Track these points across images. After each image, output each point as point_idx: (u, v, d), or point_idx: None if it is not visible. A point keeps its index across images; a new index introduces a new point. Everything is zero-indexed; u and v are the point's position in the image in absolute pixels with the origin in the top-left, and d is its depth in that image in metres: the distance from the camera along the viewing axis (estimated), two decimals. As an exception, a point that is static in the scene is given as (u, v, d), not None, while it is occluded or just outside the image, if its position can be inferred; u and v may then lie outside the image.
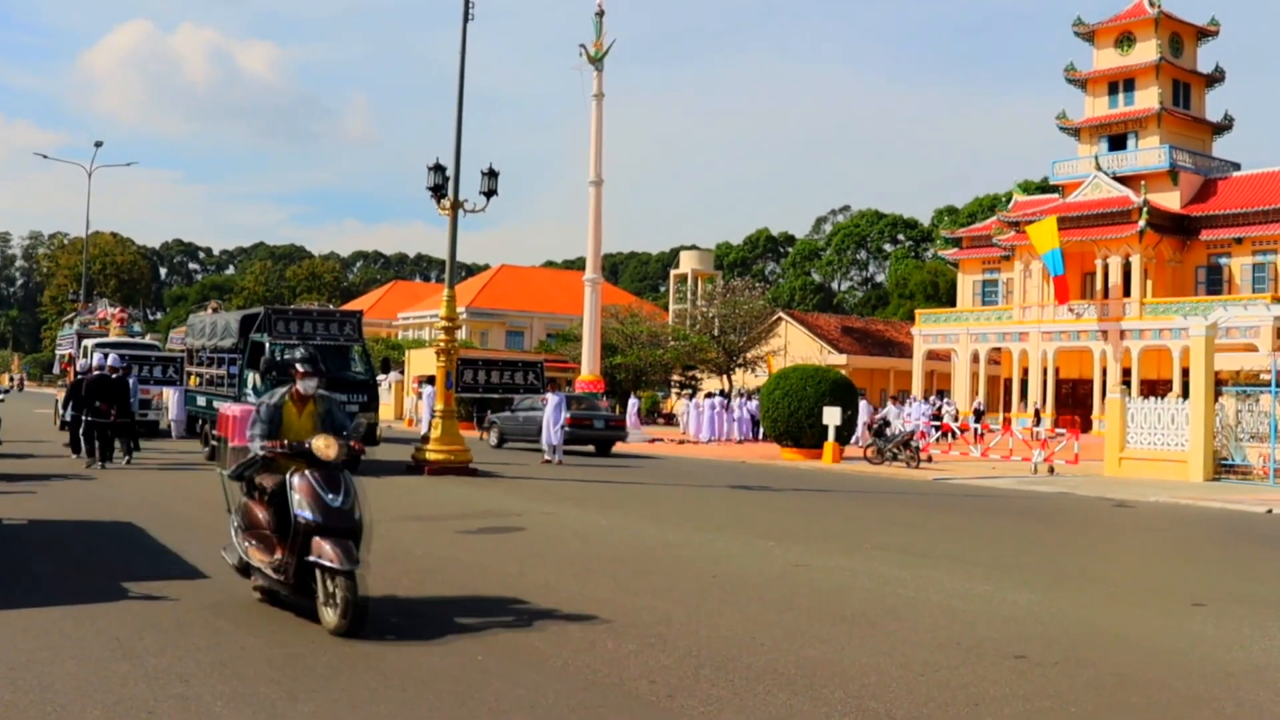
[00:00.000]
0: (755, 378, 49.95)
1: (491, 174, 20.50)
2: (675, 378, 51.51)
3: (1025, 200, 54.83)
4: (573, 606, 7.87)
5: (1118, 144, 50.99)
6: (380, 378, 29.16)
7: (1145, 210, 45.90)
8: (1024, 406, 48.34)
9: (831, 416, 25.73)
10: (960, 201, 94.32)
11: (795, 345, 56.40)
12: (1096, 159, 49.93)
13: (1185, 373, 32.80)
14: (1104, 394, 38.53)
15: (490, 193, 20.51)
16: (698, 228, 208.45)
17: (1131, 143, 50.44)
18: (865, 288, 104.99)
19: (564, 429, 23.97)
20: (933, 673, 6.33)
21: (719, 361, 50.85)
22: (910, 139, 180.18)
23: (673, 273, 72.71)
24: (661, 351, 49.05)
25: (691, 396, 43.55)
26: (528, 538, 11.66)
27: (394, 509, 14.05)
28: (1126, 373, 44.87)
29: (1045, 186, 58.45)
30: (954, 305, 58.29)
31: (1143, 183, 47.37)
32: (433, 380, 23.72)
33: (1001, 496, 19.24)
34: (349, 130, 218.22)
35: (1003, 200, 58.28)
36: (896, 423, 29.58)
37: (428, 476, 18.95)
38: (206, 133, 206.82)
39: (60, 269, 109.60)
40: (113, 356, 22.01)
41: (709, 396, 39.37)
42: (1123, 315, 46.51)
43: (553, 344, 55.97)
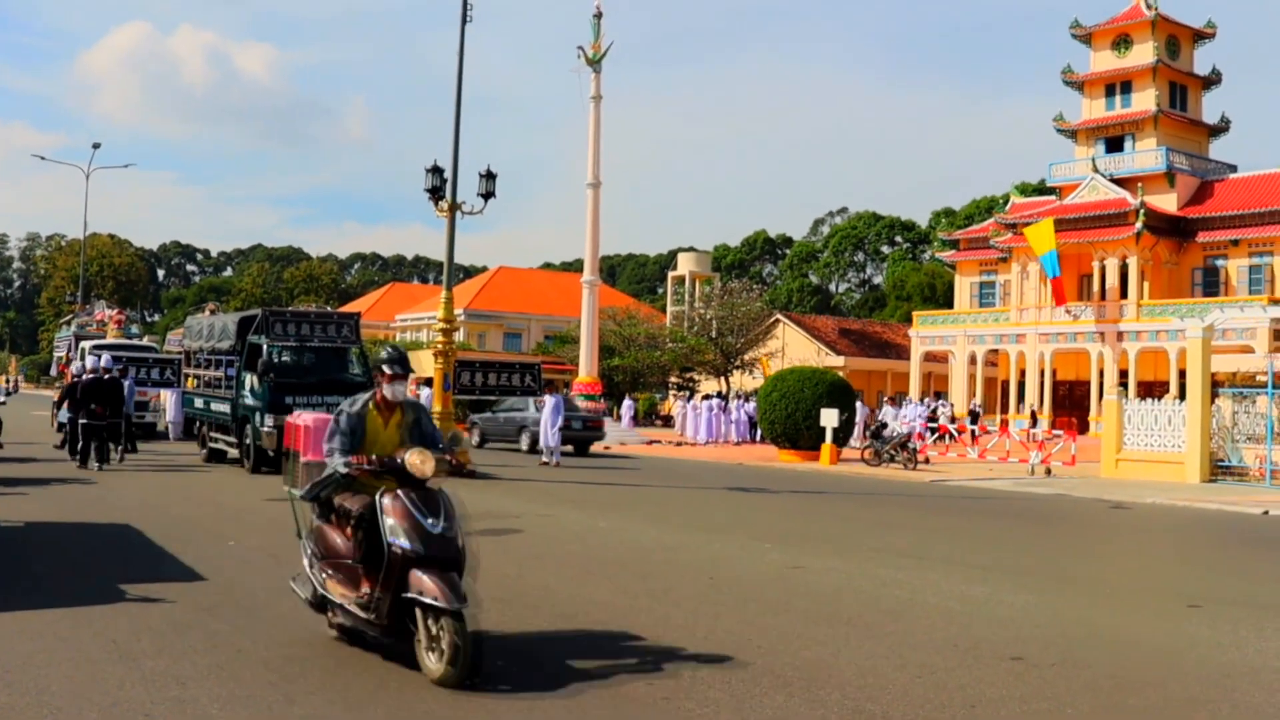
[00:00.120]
0: (753, 379, 49.96)
1: (489, 176, 20.54)
2: (673, 379, 51.53)
3: (1022, 202, 54.91)
4: (571, 608, 7.87)
5: (1115, 146, 51.07)
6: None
7: (1142, 212, 45.97)
8: (1021, 408, 48.39)
9: (829, 418, 25.77)
10: (958, 203, 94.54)
11: (793, 347, 56.43)
12: (1094, 161, 49.99)
13: (1182, 374, 32.85)
14: (1101, 395, 38.54)
15: (488, 195, 20.55)
16: (695, 230, 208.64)
17: (1128, 145, 50.52)
18: (863, 289, 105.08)
19: (560, 431, 24.00)
20: (929, 674, 6.34)
21: (716, 363, 50.89)
22: (908, 141, 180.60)
23: (670, 275, 72.73)
24: (659, 353, 49.09)
25: (689, 398, 43.55)
26: (526, 540, 11.66)
27: (391, 511, 14.06)
28: (1123, 374, 44.93)
29: (1043, 188, 58.54)
30: (951, 307, 58.34)
31: (1140, 185, 47.44)
32: (430, 382, 23.70)
33: (998, 498, 19.24)
34: (347, 132, 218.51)
35: (1000, 202, 58.30)
36: (894, 424, 29.60)
37: (425, 478, 18.90)
38: (205, 134, 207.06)
39: (58, 270, 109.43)
40: (106, 358, 21.99)
41: (706, 398, 39.38)
42: (1120, 317, 46.57)
43: (550, 346, 55.98)
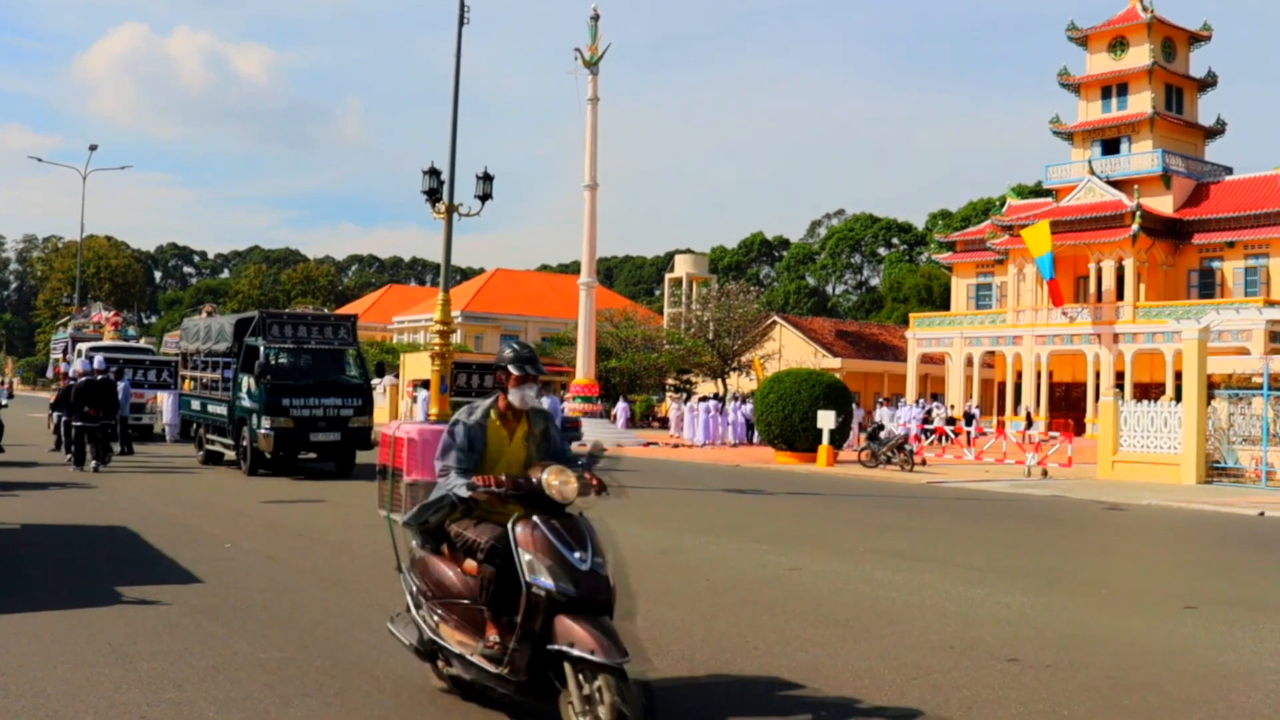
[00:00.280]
0: (749, 381, 49.98)
1: (486, 178, 20.53)
2: (670, 381, 51.53)
3: (1019, 204, 54.93)
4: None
5: (1111, 148, 51.13)
6: (375, 382, 29.15)
7: (1138, 214, 46.03)
8: (1018, 410, 48.42)
9: (826, 420, 25.79)
10: (954, 205, 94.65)
11: (789, 349, 56.44)
12: (1090, 163, 50.04)
13: (1178, 376, 32.89)
14: (1097, 397, 38.59)
15: (485, 197, 20.53)
16: (692, 232, 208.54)
17: (1124, 147, 50.58)
18: (859, 291, 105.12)
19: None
20: (925, 676, 6.35)
21: (713, 365, 50.89)
22: (904, 143, 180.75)
23: (667, 276, 72.71)
24: (656, 355, 49.11)
25: (686, 400, 43.55)
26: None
27: (388, 513, 14.05)
28: (1120, 376, 44.95)
29: (1039, 190, 58.59)
30: (948, 309, 58.36)
31: (1135, 187, 47.50)
32: (427, 384, 23.70)
33: (995, 500, 19.26)
34: (344, 134, 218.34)
35: (996, 204, 58.28)
36: (890, 426, 29.63)
37: (422, 480, 18.90)
38: (201, 136, 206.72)
39: (54, 273, 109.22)
40: (98, 359, 21.99)
41: (703, 400, 39.39)
42: (1116, 319, 46.61)
43: (548, 348, 55.95)
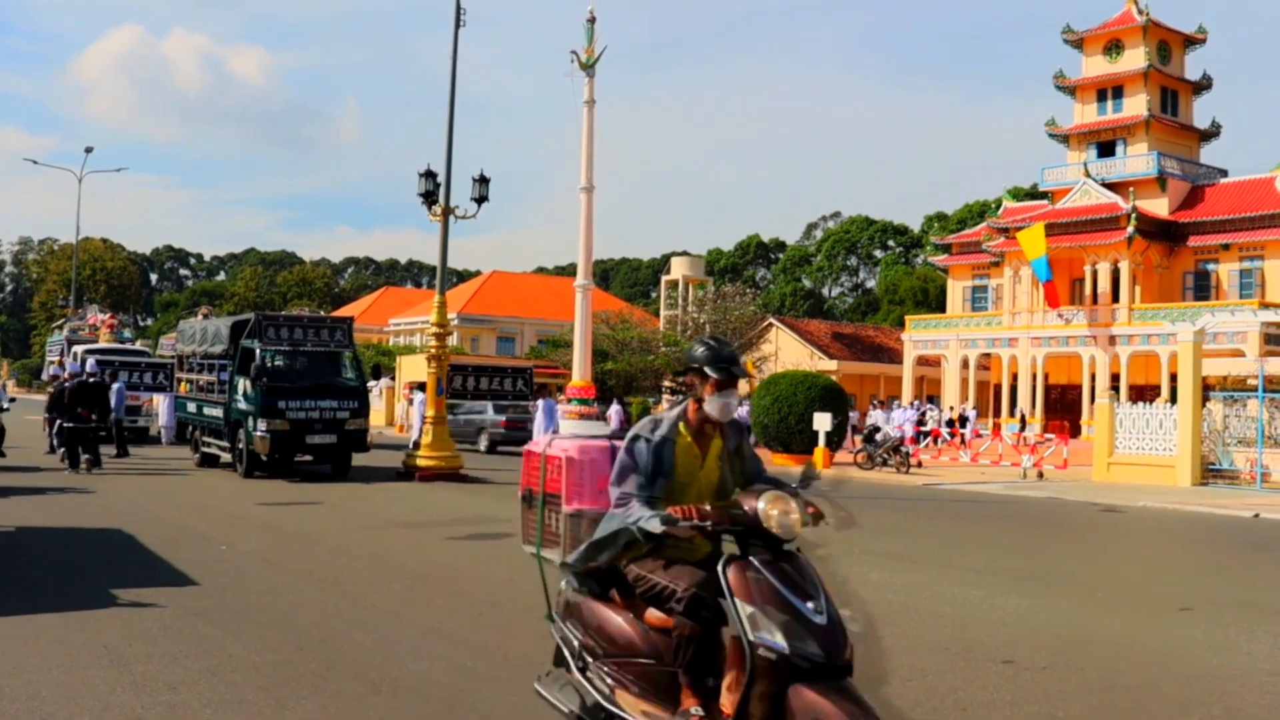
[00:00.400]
0: (745, 383, 50.01)
1: (483, 180, 20.54)
2: (666, 383, 51.51)
3: (1015, 206, 54.99)
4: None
5: (1106, 150, 51.21)
6: (371, 384, 29.13)
7: (1134, 216, 46.10)
8: (1014, 412, 48.47)
9: (822, 422, 25.80)
10: (950, 208, 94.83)
11: (786, 351, 56.47)
12: (1085, 165, 50.12)
13: (1173, 378, 32.91)
14: (1093, 399, 38.62)
15: (481, 199, 20.55)
16: (689, 234, 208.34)
17: (1120, 149, 50.66)
18: (856, 294, 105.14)
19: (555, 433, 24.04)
20: (921, 677, 6.35)
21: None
22: (901, 145, 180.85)
23: (664, 278, 72.67)
24: (653, 357, 49.10)
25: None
26: (519, 544, 11.62)
27: (384, 515, 14.06)
28: (1115, 378, 45.03)
29: (1035, 193, 58.60)
30: (944, 311, 58.40)
31: (1131, 189, 47.59)
32: (424, 386, 23.71)
33: (990, 501, 19.28)
34: (340, 136, 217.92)
35: (992, 206, 58.44)
36: (886, 428, 29.64)
37: (418, 482, 18.94)
38: (198, 138, 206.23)
39: (50, 275, 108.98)
40: (90, 361, 21.98)
41: (700, 402, 39.37)
42: (1111, 321, 46.67)
43: (544, 350, 55.97)
